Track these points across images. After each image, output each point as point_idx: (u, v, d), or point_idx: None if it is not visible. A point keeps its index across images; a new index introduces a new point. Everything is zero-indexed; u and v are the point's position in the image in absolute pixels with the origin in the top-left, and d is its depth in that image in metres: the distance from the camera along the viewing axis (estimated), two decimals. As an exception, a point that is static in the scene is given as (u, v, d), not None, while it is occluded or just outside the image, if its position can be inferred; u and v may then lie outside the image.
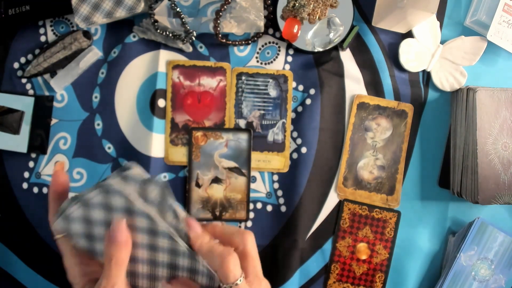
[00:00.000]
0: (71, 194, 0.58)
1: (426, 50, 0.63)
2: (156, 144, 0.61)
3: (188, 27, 0.60)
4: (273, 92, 0.63)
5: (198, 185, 0.62)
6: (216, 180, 0.62)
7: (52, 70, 0.62)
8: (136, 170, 0.42)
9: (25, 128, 0.62)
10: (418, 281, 0.63)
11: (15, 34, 0.63)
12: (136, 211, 0.40)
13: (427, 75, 0.64)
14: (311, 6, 0.61)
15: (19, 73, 0.63)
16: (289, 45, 0.63)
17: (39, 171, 0.62)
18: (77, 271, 0.41)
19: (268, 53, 0.63)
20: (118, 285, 0.38)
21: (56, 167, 0.43)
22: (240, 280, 0.39)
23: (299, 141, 0.62)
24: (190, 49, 0.62)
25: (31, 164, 0.62)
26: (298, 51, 0.62)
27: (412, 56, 0.62)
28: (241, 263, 0.40)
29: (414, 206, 0.63)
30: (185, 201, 0.62)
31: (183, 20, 0.60)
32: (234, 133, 0.62)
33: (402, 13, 0.57)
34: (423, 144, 0.63)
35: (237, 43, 0.62)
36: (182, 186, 0.62)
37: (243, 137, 0.62)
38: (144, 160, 0.61)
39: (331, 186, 0.63)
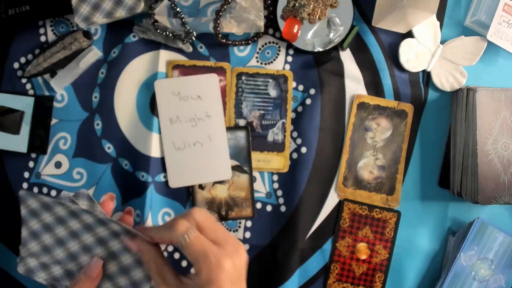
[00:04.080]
0: (70, 194, 0.58)
1: (426, 50, 0.63)
2: (156, 144, 0.61)
3: (188, 27, 0.60)
4: (273, 92, 0.63)
5: (201, 187, 0.62)
6: (219, 180, 0.62)
7: (52, 70, 0.62)
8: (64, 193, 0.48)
9: (25, 128, 0.62)
10: (418, 281, 0.63)
11: (15, 34, 0.63)
12: (78, 212, 0.46)
13: (427, 75, 0.64)
14: (311, 6, 0.61)
15: (19, 73, 0.63)
16: (289, 45, 0.63)
17: (39, 171, 0.62)
18: None
19: (268, 53, 0.63)
20: None
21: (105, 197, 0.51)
22: (188, 234, 0.40)
23: (299, 141, 0.62)
24: (190, 49, 0.62)
25: (31, 164, 0.63)
26: (298, 51, 0.62)
27: (412, 56, 0.62)
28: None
29: (414, 206, 0.63)
30: (191, 205, 0.62)
31: (183, 20, 0.60)
32: (232, 132, 0.62)
33: (402, 13, 0.57)
34: (423, 144, 0.63)
35: (237, 43, 0.62)
36: (185, 188, 0.62)
37: (241, 134, 0.62)
38: (144, 160, 0.61)
39: (331, 186, 0.63)
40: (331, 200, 0.63)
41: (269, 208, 0.62)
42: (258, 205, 0.62)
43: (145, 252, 0.43)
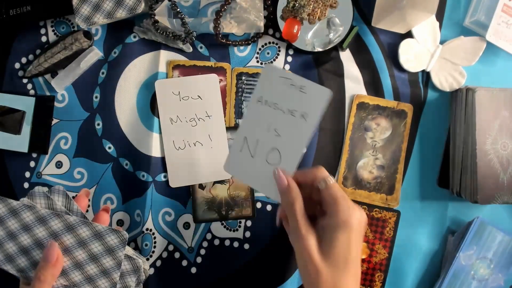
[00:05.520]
0: (72, 195, 0.59)
1: (426, 50, 0.63)
2: (157, 144, 0.61)
3: (188, 28, 0.60)
4: (273, 92, 0.63)
5: (201, 187, 0.62)
6: (219, 179, 0.62)
7: (53, 70, 0.62)
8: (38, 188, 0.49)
9: (26, 128, 0.62)
10: (417, 281, 0.64)
11: (16, 35, 0.63)
12: (46, 217, 0.48)
13: (426, 75, 0.64)
14: (311, 6, 0.61)
15: (20, 73, 0.63)
16: (289, 46, 0.63)
17: (40, 170, 0.63)
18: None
19: (268, 53, 0.63)
20: None
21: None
22: (329, 179, 0.48)
23: (299, 141, 0.62)
24: (191, 49, 0.63)
25: (32, 164, 0.63)
26: (298, 51, 0.63)
27: (411, 56, 0.63)
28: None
29: (414, 205, 0.63)
30: (191, 204, 0.62)
31: (184, 20, 0.60)
32: (232, 132, 0.62)
33: (401, 13, 0.57)
34: (423, 144, 0.64)
35: (237, 43, 0.62)
36: (186, 188, 0.62)
37: None
38: (145, 160, 0.61)
39: (331, 185, 0.63)
40: (331, 200, 0.63)
41: (269, 207, 0.62)
42: (258, 205, 0.62)
43: (292, 191, 0.47)
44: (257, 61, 0.63)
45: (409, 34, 0.63)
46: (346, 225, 0.45)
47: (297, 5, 0.61)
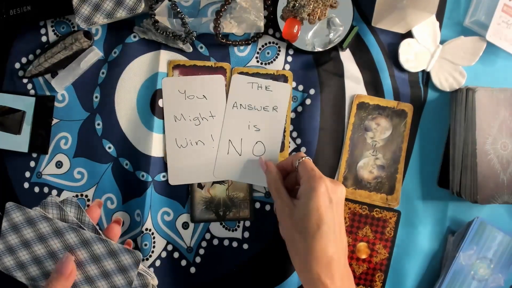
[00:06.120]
0: (72, 195, 0.59)
1: (426, 50, 0.63)
2: (157, 144, 0.61)
3: (188, 28, 0.60)
4: (273, 92, 0.63)
5: (200, 186, 0.62)
6: (219, 180, 0.62)
7: (53, 70, 0.62)
8: (50, 199, 0.49)
9: (26, 128, 0.62)
10: (417, 281, 0.64)
11: (16, 35, 0.63)
12: (63, 230, 0.48)
13: (426, 75, 0.64)
14: (311, 6, 0.61)
15: (20, 73, 0.63)
16: (289, 45, 0.63)
17: (40, 170, 0.63)
18: None
19: (268, 53, 0.63)
20: None
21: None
22: (304, 158, 0.55)
23: (298, 141, 0.62)
24: (191, 49, 0.63)
25: (32, 164, 0.63)
26: (298, 51, 0.63)
27: (411, 56, 0.63)
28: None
29: (414, 205, 0.63)
30: (189, 204, 0.62)
31: (184, 20, 0.60)
32: None
33: (401, 13, 0.57)
34: (423, 144, 0.64)
35: (237, 43, 0.62)
36: (185, 188, 0.62)
37: None
38: (144, 160, 0.61)
39: (331, 185, 0.63)
40: (331, 200, 0.63)
41: (267, 207, 0.62)
42: (257, 205, 0.62)
43: (270, 170, 0.57)
44: (257, 61, 0.63)
45: (409, 34, 0.63)
46: (312, 191, 0.50)
47: (297, 5, 0.61)
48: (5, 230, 0.48)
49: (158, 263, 0.61)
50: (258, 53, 0.63)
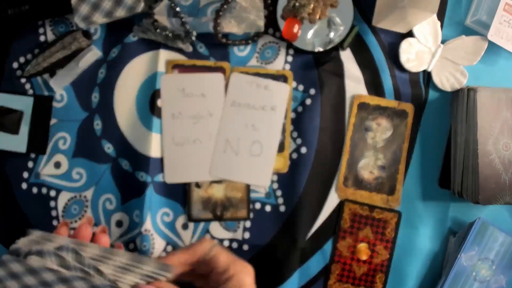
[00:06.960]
0: (70, 195, 0.59)
1: (427, 50, 0.63)
2: (156, 144, 0.61)
3: (188, 27, 0.60)
4: (273, 92, 0.63)
5: (198, 186, 0.62)
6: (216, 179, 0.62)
7: (52, 70, 0.62)
8: (37, 235, 0.43)
9: (25, 128, 0.62)
10: (418, 282, 0.63)
11: (15, 34, 0.63)
12: (70, 278, 0.43)
13: (427, 75, 0.64)
14: (311, 6, 0.61)
15: (19, 73, 0.63)
16: (289, 45, 0.62)
17: (38, 171, 0.62)
18: None
19: (268, 53, 0.63)
20: None
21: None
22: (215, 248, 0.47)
23: (299, 141, 0.62)
24: (190, 49, 0.62)
25: (30, 164, 0.62)
26: (298, 51, 0.62)
27: (412, 56, 0.62)
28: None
29: (415, 206, 0.63)
30: (186, 202, 0.62)
31: (183, 20, 0.60)
32: None
33: (402, 13, 0.57)
34: (424, 144, 0.63)
35: (237, 43, 0.62)
36: (182, 187, 0.62)
37: None
38: (143, 160, 0.61)
39: (331, 186, 0.62)
40: (332, 201, 0.62)
41: (268, 208, 0.62)
42: (257, 205, 0.62)
43: None
44: (257, 61, 0.63)
45: (410, 34, 0.63)
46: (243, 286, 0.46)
47: (297, 4, 0.60)
48: (2, 277, 0.43)
49: (157, 264, 0.61)
50: (258, 52, 0.63)
